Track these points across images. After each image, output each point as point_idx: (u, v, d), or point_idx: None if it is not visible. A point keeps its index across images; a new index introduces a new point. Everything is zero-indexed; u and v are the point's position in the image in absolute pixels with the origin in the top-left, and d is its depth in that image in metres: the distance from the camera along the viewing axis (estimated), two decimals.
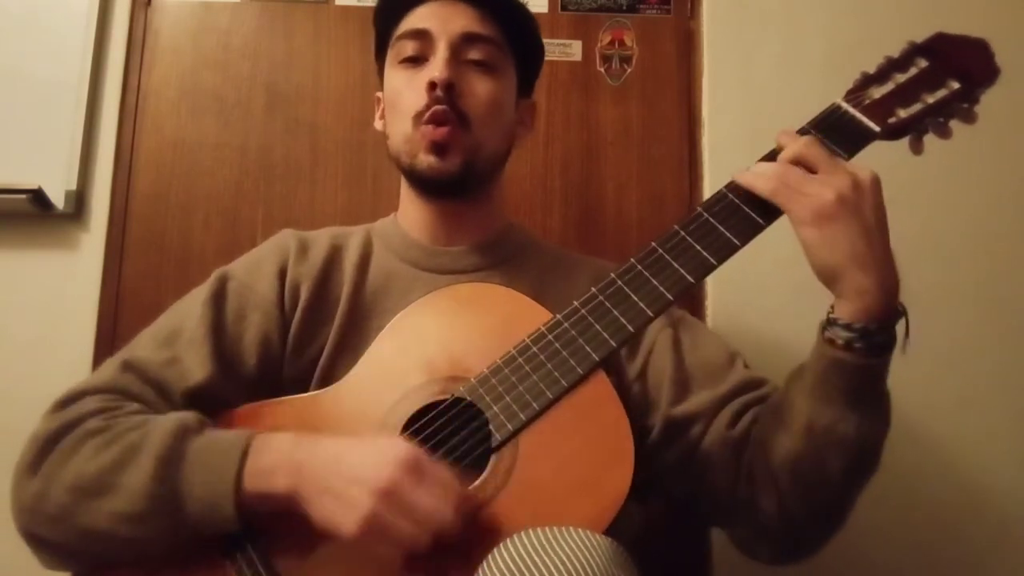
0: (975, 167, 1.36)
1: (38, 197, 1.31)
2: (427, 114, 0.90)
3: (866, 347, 0.71)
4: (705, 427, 0.85)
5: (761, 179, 0.74)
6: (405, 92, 0.93)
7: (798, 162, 0.74)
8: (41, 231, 1.36)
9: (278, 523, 0.72)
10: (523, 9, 1.00)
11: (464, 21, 0.93)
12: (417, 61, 0.94)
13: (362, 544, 0.67)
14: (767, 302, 1.33)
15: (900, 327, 0.74)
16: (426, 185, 0.94)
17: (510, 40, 0.97)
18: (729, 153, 1.39)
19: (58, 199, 1.34)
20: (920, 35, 0.84)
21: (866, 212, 0.71)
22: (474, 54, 0.93)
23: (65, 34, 1.40)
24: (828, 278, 0.72)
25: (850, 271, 0.70)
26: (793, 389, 0.76)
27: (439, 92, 0.89)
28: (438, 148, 0.90)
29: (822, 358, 0.73)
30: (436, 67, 0.90)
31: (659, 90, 1.45)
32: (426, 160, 0.91)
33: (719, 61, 1.44)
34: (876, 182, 0.73)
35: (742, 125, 1.40)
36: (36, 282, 1.35)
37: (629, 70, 1.46)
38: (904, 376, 0.75)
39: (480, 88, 0.93)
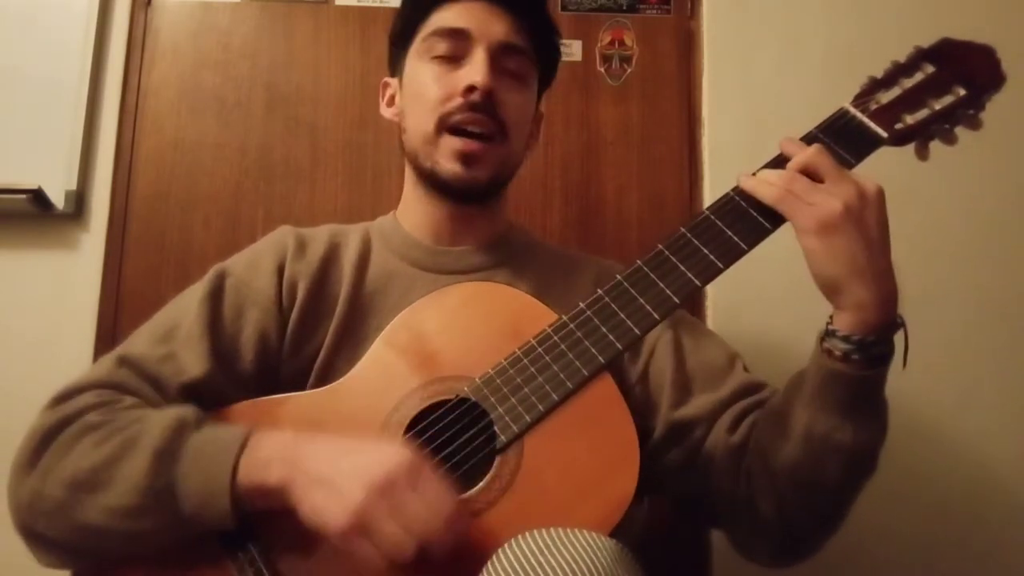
0: (976, 167, 1.36)
1: (38, 197, 1.31)
2: (457, 117, 0.88)
3: (864, 359, 0.71)
4: (706, 431, 0.85)
5: (766, 186, 0.74)
6: (434, 88, 0.90)
7: (806, 170, 0.74)
8: (41, 231, 1.36)
9: (279, 520, 0.72)
10: (553, 24, 0.99)
11: (504, 28, 0.92)
12: (450, 60, 0.91)
13: (345, 544, 0.65)
14: (767, 302, 1.33)
15: (899, 339, 0.73)
16: (446, 191, 0.93)
17: (537, 52, 0.96)
18: (729, 153, 1.40)
19: (58, 199, 1.34)
20: (920, 35, 0.84)
21: (870, 224, 0.71)
22: (510, 64, 0.92)
23: (65, 34, 1.40)
24: (828, 289, 0.72)
25: (850, 284, 0.70)
26: (791, 397, 0.76)
27: (476, 98, 0.87)
28: (466, 159, 0.89)
29: (820, 368, 0.73)
30: (477, 71, 0.88)
31: (659, 90, 1.45)
32: (451, 168, 0.89)
33: (719, 61, 1.44)
34: (881, 194, 0.72)
35: (742, 125, 1.40)
36: (36, 282, 1.35)
37: (629, 70, 1.46)
38: (905, 375, 0.75)
39: (515, 99, 0.92)
